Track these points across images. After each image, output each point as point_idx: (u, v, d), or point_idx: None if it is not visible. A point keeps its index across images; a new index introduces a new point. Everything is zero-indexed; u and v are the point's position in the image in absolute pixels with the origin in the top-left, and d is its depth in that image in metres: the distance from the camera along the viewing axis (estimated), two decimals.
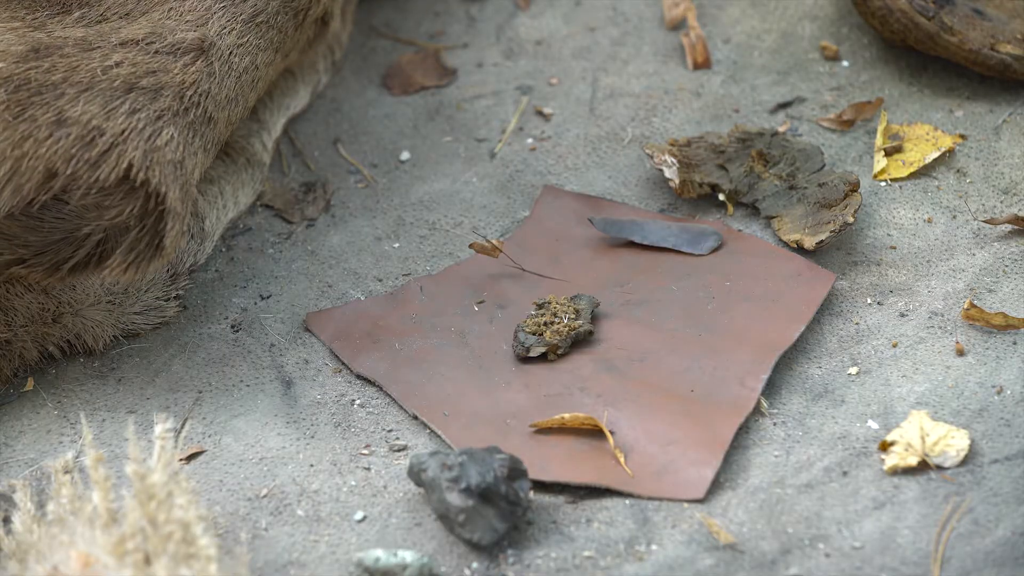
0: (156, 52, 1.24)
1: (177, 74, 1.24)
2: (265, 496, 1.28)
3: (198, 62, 1.25)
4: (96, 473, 1.17)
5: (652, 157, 1.51)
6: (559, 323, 1.38)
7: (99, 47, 1.25)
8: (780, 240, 1.47)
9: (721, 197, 1.51)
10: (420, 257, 1.49)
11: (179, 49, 1.25)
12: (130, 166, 1.23)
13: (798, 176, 1.50)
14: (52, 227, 1.25)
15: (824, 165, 1.51)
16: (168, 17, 1.29)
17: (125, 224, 1.23)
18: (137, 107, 1.24)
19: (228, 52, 1.32)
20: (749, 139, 1.53)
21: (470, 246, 1.48)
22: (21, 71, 1.23)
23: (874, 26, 1.60)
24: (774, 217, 1.48)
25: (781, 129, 1.58)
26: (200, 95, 1.26)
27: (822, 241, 1.43)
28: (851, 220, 1.44)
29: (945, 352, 1.37)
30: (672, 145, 1.54)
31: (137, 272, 1.26)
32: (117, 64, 1.24)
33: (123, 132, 1.23)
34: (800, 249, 1.45)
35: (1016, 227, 1.46)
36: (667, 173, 1.50)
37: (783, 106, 1.61)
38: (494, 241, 1.48)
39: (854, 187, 1.47)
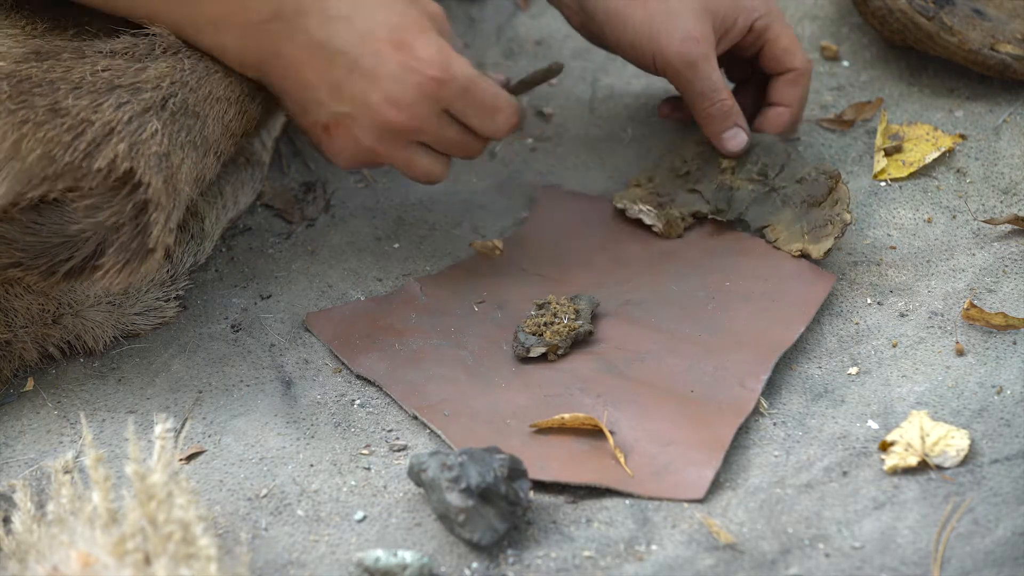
0: (136, 57, 1.32)
1: (153, 70, 1.31)
2: (265, 496, 1.28)
3: (172, 57, 1.32)
4: (96, 473, 1.17)
5: (626, 210, 1.49)
6: (559, 323, 1.38)
7: (91, 57, 1.31)
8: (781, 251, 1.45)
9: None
10: (420, 257, 1.49)
11: (155, 48, 1.32)
12: (115, 156, 1.27)
13: (769, 174, 1.47)
14: (49, 231, 1.27)
15: (789, 155, 1.47)
16: (149, 29, 1.34)
17: (117, 223, 1.26)
18: (122, 101, 1.29)
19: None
20: (712, 148, 1.50)
21: (470, 245, 1.48)
22: (23, 69, 1.27)
23: (874, 26, 1.61)
24: (766, 227, 1.46)
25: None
26: (175, 85, 1.31)
27: (829, 250, 1.42)
28: (849, 218, 1.42)
29: (945, 352, 1.37)
30: (638, 186, 1.51)
31: (130, 274, 1.29)
32: (104, 70, 1.30)
33: (109, 123, 1.28)
34: (806, 257, 1.44)
35: (1016, 227, 1.47)
36: (648, 221, 1.47)
37: None
38: (494, 241, 1.48)
39: (836, 178, 1.44)
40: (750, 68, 1.53)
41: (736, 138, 1.46)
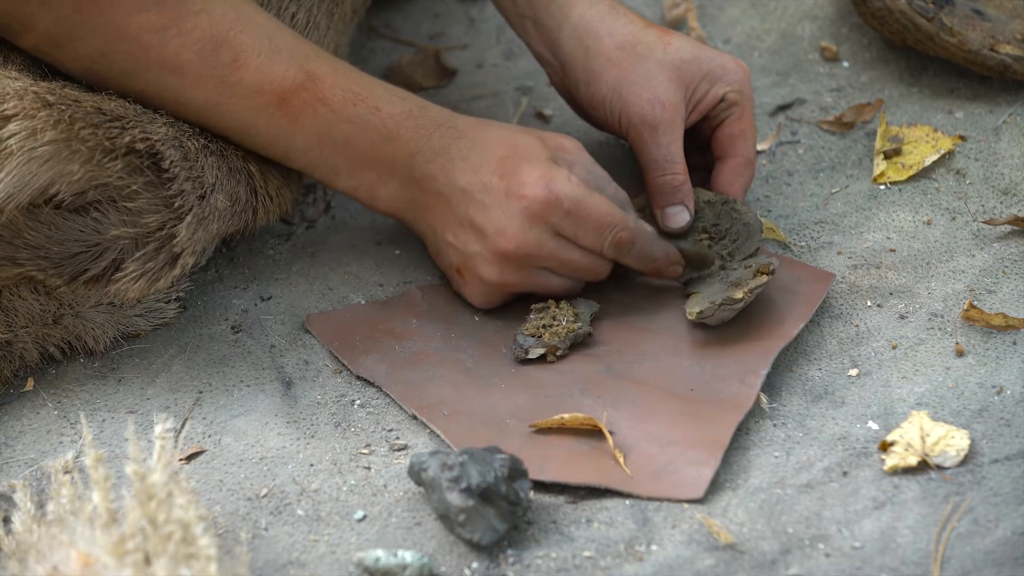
0: None
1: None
2: (265, 496, 1.28)
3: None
4: (96, 473, 1.17)
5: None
6: (557, 325, 1.38)
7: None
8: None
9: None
10: (422, 266, 1.48)
11: None
12: (133, 140, 1.31)
13: (734, 257, 1.43)
14: (76, 238, 1.31)
15: (758, 248, 1.42)
16: None
17: (149, 227, 1.32)
18: (138, 112, 1.34)
19: None
20: (700, 210, 1.44)
21: None
22: (44, 89, 1.31)
23: (873, 27, 1.61)
24: (692, 293, 1.40)
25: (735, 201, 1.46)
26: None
27: (701, 312, 1.37)
28: (738, 296, 1.36)
29: (945, 353, 1.37)
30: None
31: (149, 281, 1.33)
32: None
33: (128, 118, 1.32)
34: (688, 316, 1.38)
35: (1016, 228, 1.47)
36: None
37: (783, 108, 1.61)
38: None
39: (763, 270, 1.38)
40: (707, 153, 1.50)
41: (678, 215, 1.42)
